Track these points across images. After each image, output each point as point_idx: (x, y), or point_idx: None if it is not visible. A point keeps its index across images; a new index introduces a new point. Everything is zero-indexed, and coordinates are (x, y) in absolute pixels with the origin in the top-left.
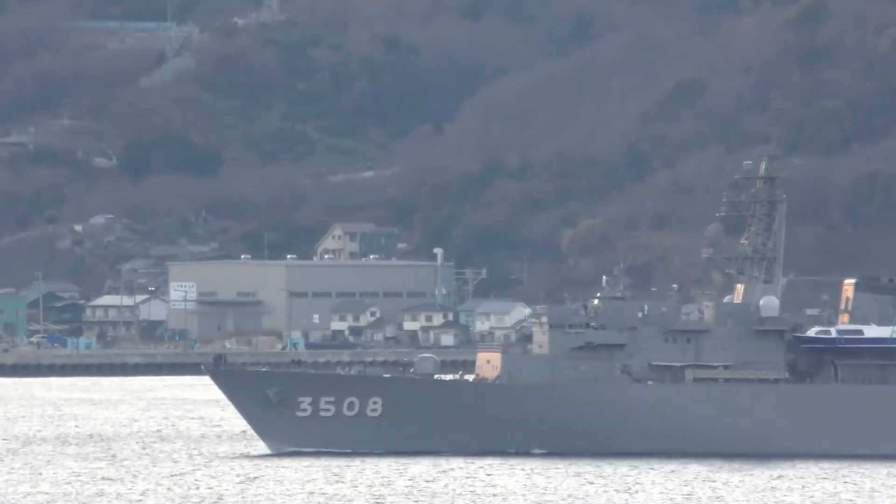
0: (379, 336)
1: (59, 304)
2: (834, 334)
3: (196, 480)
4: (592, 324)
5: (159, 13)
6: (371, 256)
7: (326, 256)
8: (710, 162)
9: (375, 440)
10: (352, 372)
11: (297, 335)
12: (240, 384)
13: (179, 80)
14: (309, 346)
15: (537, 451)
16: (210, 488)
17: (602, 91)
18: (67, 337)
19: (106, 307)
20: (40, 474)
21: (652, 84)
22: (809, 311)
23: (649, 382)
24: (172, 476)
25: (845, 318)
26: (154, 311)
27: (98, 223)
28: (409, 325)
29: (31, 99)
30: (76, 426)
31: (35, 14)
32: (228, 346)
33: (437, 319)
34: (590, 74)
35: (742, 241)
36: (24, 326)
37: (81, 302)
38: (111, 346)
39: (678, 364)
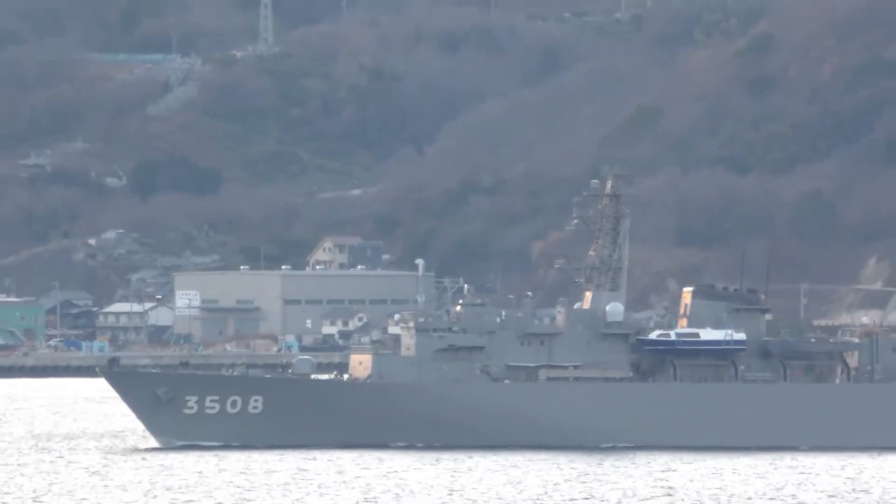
0: (366, 339)
1: (74, 311)
2: (673, 337)
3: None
4: (455, 328)
5: (165, 46)
6: (358, 267)
7: (318, 267)
8: (666, 181)
9: (257, 435)
10: (235, 373)
11: (291, 339)
12: (132, 384)
13: (183, 107)
14: (302, 348)
15: (406, 444)
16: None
17: (569, 117)
18: (82, 341)
19: (117, 314)
20: None
21: (614, 111)
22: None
23: (506, 381)
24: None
25: (684, 322)
26: (161, 317)
27: (110, 237)
28: (393, 330)
29: (48, 124)
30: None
31: (51, 47)
32: (229, 348)
33: None
34: (558, 102)
35: (590, 253)
36: (42, 331)
37: (95, 309)
38: (122, 349)
39: (532, 364)
